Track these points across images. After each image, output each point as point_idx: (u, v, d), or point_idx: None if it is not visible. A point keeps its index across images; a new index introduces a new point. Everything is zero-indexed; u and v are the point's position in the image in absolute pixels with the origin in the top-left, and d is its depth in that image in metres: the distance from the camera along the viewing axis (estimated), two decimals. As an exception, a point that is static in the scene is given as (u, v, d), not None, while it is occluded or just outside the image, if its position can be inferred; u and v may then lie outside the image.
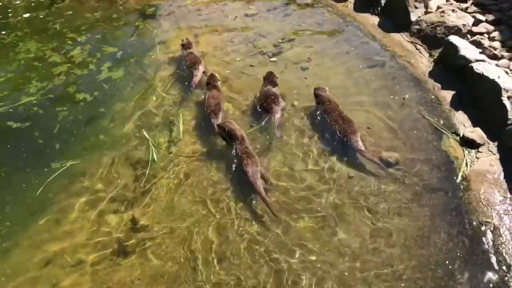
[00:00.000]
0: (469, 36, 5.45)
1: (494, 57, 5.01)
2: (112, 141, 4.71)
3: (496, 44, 5.19)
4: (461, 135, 4.37)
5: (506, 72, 4.60)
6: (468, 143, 4.27)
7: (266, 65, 5.72)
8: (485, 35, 5.38)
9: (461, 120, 4.57)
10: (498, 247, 3.40)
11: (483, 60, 4.77)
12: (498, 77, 4.38)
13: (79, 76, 5.70)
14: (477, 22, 5.60)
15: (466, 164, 4.08)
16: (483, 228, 3.54)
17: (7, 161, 4.55)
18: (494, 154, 4.15)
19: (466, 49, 4.96)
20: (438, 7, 6.05)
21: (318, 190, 4.01)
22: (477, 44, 5.14)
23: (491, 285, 3.19)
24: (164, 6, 7.58)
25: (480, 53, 4.94)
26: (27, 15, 7.28)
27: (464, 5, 6.04)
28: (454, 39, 5.15)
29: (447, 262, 3.36)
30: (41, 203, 4.08)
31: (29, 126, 4.93)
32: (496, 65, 4.76)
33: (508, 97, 4.24)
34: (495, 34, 5.37)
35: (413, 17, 6.01)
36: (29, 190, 4.19)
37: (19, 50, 6.28)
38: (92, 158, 4.53)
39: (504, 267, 3.27)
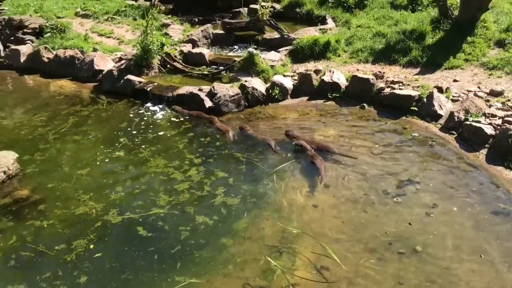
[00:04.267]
0: None
1: None
2: (239, 267, 5.42)
3: None
4: None
5: None
6: None
7: (387, 205, 6.34)
8: None
9: None
10: None
11: None
12: None
13: (198, 196, 6.81)
14: None
15: None
16: None
17: (132, 265, 5.52)
18: None
19: None
20: None
21: None
22: None
23: None
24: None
25: None
26: (161, 133, 8.99)
27: None
28: None
29: None
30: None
31: (155, 236, 5.98)
32: None
33: None
34: None
35: (554, 176, 6.35)
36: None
37: (150, 164, 7.76)
38: (218, 281, 5.25)
39: None
